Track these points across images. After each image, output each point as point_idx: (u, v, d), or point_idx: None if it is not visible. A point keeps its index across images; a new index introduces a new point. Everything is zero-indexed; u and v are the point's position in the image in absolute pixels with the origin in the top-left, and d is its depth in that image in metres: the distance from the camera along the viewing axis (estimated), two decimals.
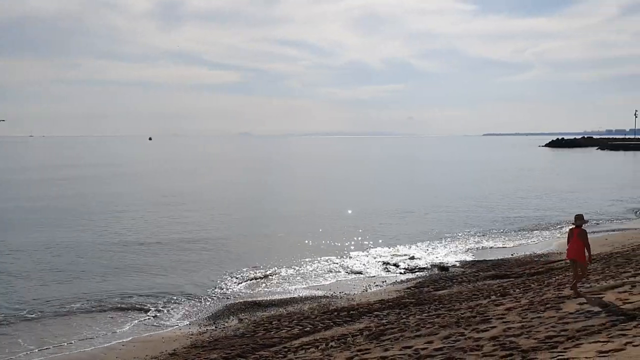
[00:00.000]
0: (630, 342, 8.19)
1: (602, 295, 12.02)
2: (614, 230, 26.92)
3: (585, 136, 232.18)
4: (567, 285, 14.07)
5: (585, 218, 12.74)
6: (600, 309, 10.74)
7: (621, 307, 10.70)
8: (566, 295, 12.54)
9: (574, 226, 12.36)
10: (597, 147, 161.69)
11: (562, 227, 28.94)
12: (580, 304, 11.37)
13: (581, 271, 12.35)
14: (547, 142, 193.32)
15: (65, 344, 13.64)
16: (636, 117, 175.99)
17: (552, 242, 24.65)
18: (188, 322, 15.14)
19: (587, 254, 12.12)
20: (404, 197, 43.40)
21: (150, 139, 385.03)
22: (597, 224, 29.72)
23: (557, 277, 15.80)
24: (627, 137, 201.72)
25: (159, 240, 25.71)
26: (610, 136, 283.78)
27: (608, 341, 8.48)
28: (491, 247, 23.98)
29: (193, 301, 16.97)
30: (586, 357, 7.76)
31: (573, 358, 7.81)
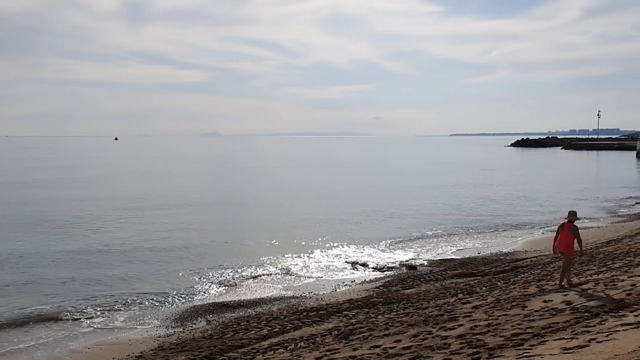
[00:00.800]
0: (594, 339, 8.34)
1: (566, 293, 12.23)
2: (579, 228, 27.39)
3: (550, 136, 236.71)
4: (532, 283, 14.29)
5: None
6: (565, 306, 10.93)
7: (585, 304, 10.90)
8: (531, 293, 12.73)
9: (565, 220, 13.01)
10: (561, 147, 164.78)
11: (527, 226, 29.39)
12: (545, 301, 11.56)
13: (567, 263, 12.84)
14: (513, 142, 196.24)
15: (29, 348, 13.34)
16: (599, 117, 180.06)
17: (518, 240, 25.00)
18: (155, 324, 14.94)
19: (577, 247, 12.83)
20: (371, 197, 43.59)
21: (116, 139, 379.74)
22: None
23: (522, 275, 16.03)
24: (590, 137, 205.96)
25: (124, 243, 25.34)
26: (574, 136, 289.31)
27: (572, 338, 8.62)
28: (458, 246, 24.21)
29: (160, 303, 16.77)
30: (551, 354, 7.88)
31: (538, 355, 7.93)
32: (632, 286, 11.98)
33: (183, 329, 14.37)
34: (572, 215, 13.13)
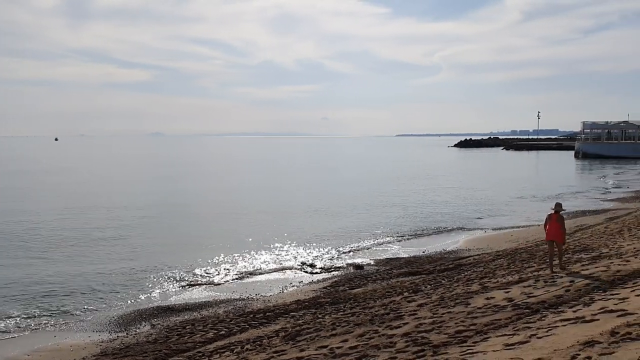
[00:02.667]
0: (535, 335, 8.56)
1: (508, 290, 12.54)
2: (519, 227, 28.15)
3: (492, 137, 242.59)
4: (474, 281, 14.59)
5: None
6: (507, 303, 11.20)
7: (526, 300, 11.19)
8: (474, 291, 12.99)
9: (552, 212, 14.09)
10: (502, 147, 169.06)
11: (469, 224, 30.00)
12: (488, 298, 11.81)
13: (558, 250, 14.05)
14: (456, 142, 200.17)
15: None
16: (539, 118, 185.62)
17: (460, 239, 25.47)
18: (98, 329, 14.57)
19: (563, 236, 13.93)
20: (317, 198, 43.69)
21: (56, 139, 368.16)
22: (504, 219, 31.02)
23: (466, 273, 16.34)
24: (530, 137, 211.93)
25: (66, 243, 24.64)
26: (515, 137, 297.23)
27: (514, 334, 8.83)
28: (404, 245, 24.51)
29: (103, 307, 16.36)
30: (493, 351, 8.04)
31: (481, 352, 8.08)
32: (570, 282, 12.38)
33: (127, 334, 14.06)
34: (558, 206, 14.32)
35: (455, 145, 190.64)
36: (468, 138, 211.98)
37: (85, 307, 16.33)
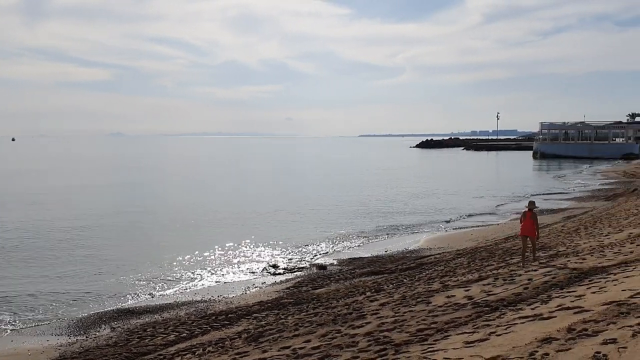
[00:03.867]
0: (494, 332, 8.70)
1: (468, 288, 12.72)
2: (478, 226, 28.58)
3: (453, 137, 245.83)
4: (435, 279, 14.76)
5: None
6: (467, 301, 11.36)
7: (485, 298, 11.37)
8: (435, 289, 13.14)
9: (527, 209, 15.22)
10: (462, 148, 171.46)
11: (430, 223, 30.33)
12: (448, 297, 11.96)
13: (532, 244, 15.24)
14: (418, 142, 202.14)
15: None
16: (498, 119, 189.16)
17: (422, 238, 25.72)
18: (56, 333, 14.26)
19: (537, 232, 15.19)
20: (279, 198, 43.63)
21: (13, 139, 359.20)
22: (465, 218, 31.47)
23: (427, 272, 16.51)
24: (490, 137, 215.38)
25: (24, 246, 24.05)
26: (475, 137, 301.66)
27: (474, 332, 8.96)
28: (366, 245, 24.64)
29: (62, 310, 16.01)
30: (454, 349, 8.14)
31: (442, 350, 8.17)
32: (528, 280, 12.62)
33: (86, 337, 13.80)
34: (532, 204, 15.53)
35: (417, 146, 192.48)
36: (429, 138, 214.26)
37: (44, 310, 15.97)
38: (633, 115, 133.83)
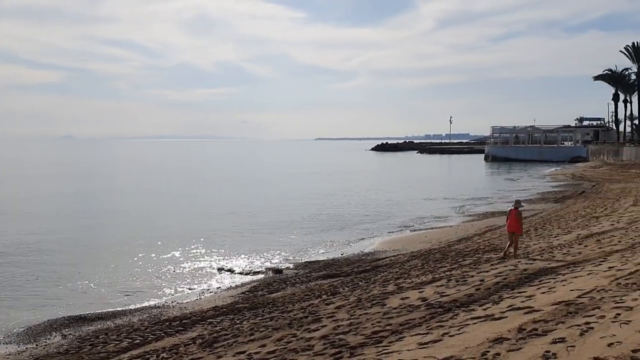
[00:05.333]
0: (447, 333, 8.84)
1: (422, 289, 12.88)
2: (432, 228, 28.96)
3: (407, 140, 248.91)
4: (390, 281, 14.89)
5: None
6: (421, 303, 11.51)
7: (439, 300, 11.53)
8: (390, 291, 13.26)
9: (513, 208, 16.27)
10: (417, 151, 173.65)
11: (385, 226, 30.59)
12: (403, 298, 12.09)
13: (515, 240, 16.09)
14: (373, 146, 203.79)
15: None
16: (451, 122, 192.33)
17: (377, 240, 25.90)
18: (4, 341, 13.80)
19: (520, 229, 16.35)
20: (233, 201, 43.36)
21: None
22: (419, 221, 31.83)
23: (382, 274, 16.64)
24: (443, 141, 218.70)
25: None
26: (429, 140, 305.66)
27: (427, 333, 9.08)
28: (322, 248, 24.66)
29: (10, 318, 15.50)
30: (408, 350, 8.24)
31: (396, 351, 8.26)
32: (480, 281, 12.87)
33: (36, 345, 13.40)
34: (517, 203, 16.67)
35: (373, 149, 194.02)
36: (385, 142, 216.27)
37: None
38: (581, 119, 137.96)
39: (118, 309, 16.31)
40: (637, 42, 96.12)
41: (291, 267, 20.68)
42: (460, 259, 17.44)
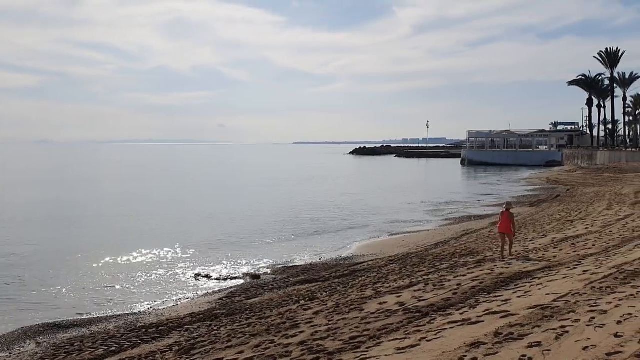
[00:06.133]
0: (424, 338, 8.87)
1: (399, 294, 12.92)
2: (410, 232, 29.07)
3: (385, 144, 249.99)
4: (368, 286, 14.91)
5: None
6: (398, 307, 11.53)
7: (416, 304, 11.57)
8: (368, 296, 13.27)
9: (504, 209, 16.71)
10: (394, 155, 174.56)
11: (363, 230, 30.65)
12: (381, 303, 12.10)
13: (509, 240, 16.62)
14: (351, 150, 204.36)
15: None
16: (428, 127, 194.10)
17: (355, 245, 25.94)
18: None
19: (513, 229, 16.70)
20: (211, 206, 43.12)
21: None
22: (397, 225, 31.94)
23: (360, 279, 16.66)
24: (420, 145, 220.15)
25: None
26: (406, 145, 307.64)
27: (405, 338, 9.10)
28: (300, 253, 24.61)
29: None
30: (386, 355, 8.24)
31: (374, 357, 8.26)
32: (457, 285, 12.93)
33: (9, 354, 13.17)
34: (509, 205, 17.24)
35: (351, 153, 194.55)
36: (362, 146, 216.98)
37: None
38: (555, 124, 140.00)
39: (93, 315, 16.12)
40: (610, 48, 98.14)
41: (269, 272, 20.61)
42: (438, 263, 17.53)
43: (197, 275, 20.55)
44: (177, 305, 16.87)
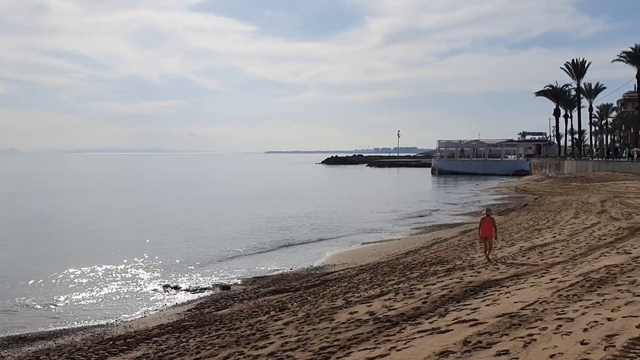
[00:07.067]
0: (394, 347, 8.87)
1: (370, 303, 12.92)
2: (381, 241, 29.17)
3: (357, 154, 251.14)
4: (339, 296, 14.89)
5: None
6: (369, 317, 11.52)
7: (386, 313, 11.58)
8: (338, 306, 13.25)
9: (485, 215, 17.53)
10: (366, 164, 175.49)
11: (334, 239, 30.67)
12: (351, 313, 12.09)
13: (489, 245, 17.47)
14: (323, 159, 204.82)
15: None
16: (399, 136, 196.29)
17: (326, 254, 25.92)
18: None
19: (495, 234, 17.55)
20: (179, 215, 42.76)
21: None
22: (368, 234, 32.03)
23: (331, 289, 16.63)
24: (391, 154, 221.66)
25: None
26: (378, 154, 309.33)
27: (375, 347, 9.09)
28: (271, 263, 24.50)
29: None
30: None
31: None
32: (427, 294, 12.98)
33: None
34: (489, 210, 18.40)
35: (323, 162, 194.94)
36: (334, 155, 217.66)
37: None
38: (524, 134, 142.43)
39: (60, 328, 15.81)
40: (577, 59, 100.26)
41: (239, 283, 20.46)
42: (408, 271, 17.59)
43: (166, 286, 20.29)
44: (145, 316, 16.64)
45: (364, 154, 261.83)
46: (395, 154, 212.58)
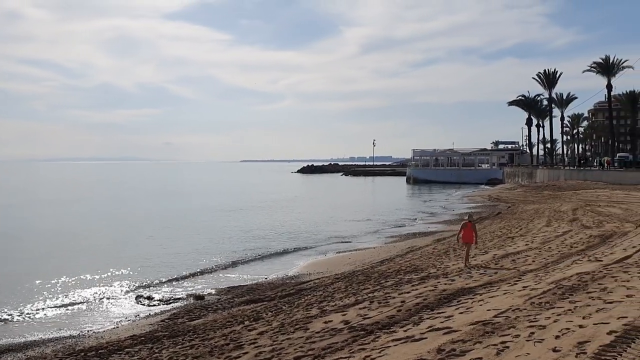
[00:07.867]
0: (369, 356, 8.86)
1: (345, 312, 12.90)
2: (356, 250, 29.20)
3: (332, 162, 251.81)
4: (314, 305, 14.85)
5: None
6: (344, 326, 11.51)
7: (361, 322, 11.57)
8: (313, 315, 13.21)
9: (467, 221, 18.31)
10: (341, 173, 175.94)
11: (309, 248, 30.61)
12: (326, 322, 12.05)
13: (470, 250, 18.41)
14: (299, 168, 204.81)
15: None
16: (374, 145, 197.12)
17: (301, 263, 25.86)
18: None
19: (475, 239, 18.51)
20: (152, 224, 42.37)
21: None
22: (343, 242, 32.05)
23: (306, 298, 16.58)
24: (367, 163, 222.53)
25: None
26: (353, 163, 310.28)
27: (349, 356, 9.07)
28: (245, 272, 24.36)
29: None
30: None
31: None
32: (402, 302, 13.01)
33: None
34: (471, 217, 19.16)
35: (298, 171, 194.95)
36: (310, 164, 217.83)
37: None
38: (497, 143, 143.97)
39: (30, 339, 15.50)
40: (548, 70, 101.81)
41: (213, 292, 20.28)
42: (383, 280, 17.62)
43: (139, 296, 20.04)
44: (117, 327, 16.40)
45: (340, 163, 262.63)
46: (371, 163, 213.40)
